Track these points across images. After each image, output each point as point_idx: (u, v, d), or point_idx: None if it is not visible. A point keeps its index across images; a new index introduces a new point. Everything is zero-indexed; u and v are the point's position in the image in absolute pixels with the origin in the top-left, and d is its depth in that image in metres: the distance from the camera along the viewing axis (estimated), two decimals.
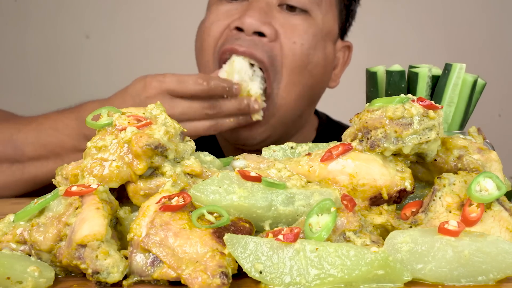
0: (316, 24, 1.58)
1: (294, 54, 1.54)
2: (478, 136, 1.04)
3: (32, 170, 1.55)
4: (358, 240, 0.83)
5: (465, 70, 1.27)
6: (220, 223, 0.82)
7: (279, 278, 0.77)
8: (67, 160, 1.52)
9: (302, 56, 1.55)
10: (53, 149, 1.53)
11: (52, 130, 1.54)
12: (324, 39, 1.60)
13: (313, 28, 1.57)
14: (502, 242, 0.81)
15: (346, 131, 0.98)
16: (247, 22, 1.49)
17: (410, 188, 0.92)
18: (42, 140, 1.54)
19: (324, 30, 1.60)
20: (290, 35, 1.54)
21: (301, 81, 1.56)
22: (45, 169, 1.55)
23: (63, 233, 0.85)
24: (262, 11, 1.52)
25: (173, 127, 0.95)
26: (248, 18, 1.49)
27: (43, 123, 1.57)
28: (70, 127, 1.52)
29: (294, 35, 1.54)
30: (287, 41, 1.53)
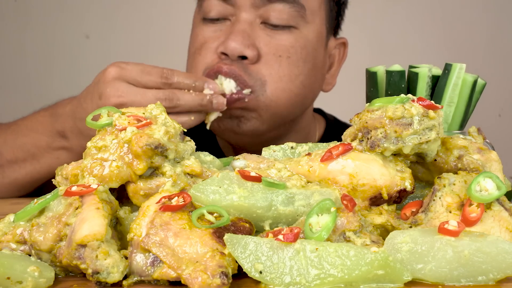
0: (303, 36, 1.55)
1: (280, 65, 1.52)
2: (478, 136, 1.04)
3: (11, 174, 1.55)
4: (358, 240, 0.83)
5: (465, 70, 1.27)
6: (220, 223, 0.82)
7: (279, 278, 0.77)
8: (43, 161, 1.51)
9: (290, 67, 1.53)
10: (29, 149, 1.52)
11: (27, 130, 1.54)
12: (314, 48, 1.58)
13: (300, 41, 1.54)
14: (502, 242, 0.81)
15: (346, 131, 0.98)
16: (230, 47, 1.48)
17: (410, 188, 0.92)
18: (19, 141, 1.54)
19: (313, 40, 1.57)
20: (274, 51, 1.52)
21: (292, 89, 1.54)
22: (23, 172, 1.54)
23: (63, 233, 0.85)
24: (245, 33, 1.50)
25: (173, 127, 0.95)
26: (231, 43, 1.48)
27: (20, 124, 1.57)
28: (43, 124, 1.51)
29: (279, 50, 1.52)
30: (272, 57, 1.51)
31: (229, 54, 1.48)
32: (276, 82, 1.51)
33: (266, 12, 1.51)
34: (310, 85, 1.58)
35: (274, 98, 1.51)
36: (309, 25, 1.56)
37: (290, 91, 1.53)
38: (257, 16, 1.52)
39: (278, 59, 1.51)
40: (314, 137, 1.79)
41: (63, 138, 1.49)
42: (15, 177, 1.54)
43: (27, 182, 1.55)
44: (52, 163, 1.51)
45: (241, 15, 1.51)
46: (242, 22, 1.51)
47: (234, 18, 1.53)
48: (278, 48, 1.52)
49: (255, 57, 1.50)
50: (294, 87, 1.54)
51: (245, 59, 1.50)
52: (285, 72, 1.52)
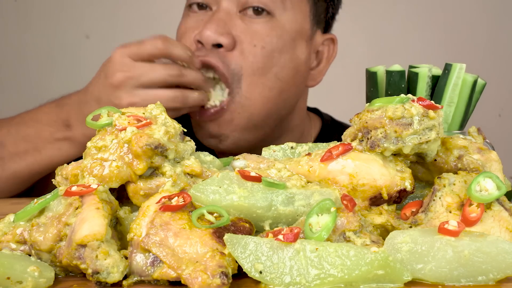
0: (281, 25, 1.55)
1: (255, 56, 1.51)
2: (478, 136, 1.04)
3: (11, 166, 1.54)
4: (358, 240, 0.83)
5: (465, 70, 1.27)
6: (220, 223, 0.82)
7: (279, 278, 0.77)
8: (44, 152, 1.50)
9: (264, 58, 1.52)
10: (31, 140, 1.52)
11: (31, 121, 1.54)
12: (292, 39, 1.57)
13: (276, 30, 1.54)
14: (502, 242, 0.81)
15: (346, 131, 0.98)
16: (204, 35, 1.50)
17: (410, 188, 0.92)
18: (22, 132, 1.53)
19: (291, 31, 1.56)
20: (250, 40, 1.52)
21: (265, 83, 1.53)
22: (24, 164, 1.53)
23: (63, 233, 0.85)
24: (221, 22, 1.51)
25: (173, 127, 0.95)
26: (206, 31, 1.50)
27: (25, 116, 1.57)
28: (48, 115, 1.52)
29: (254, 39, 1.52)
30: (247, 46, 1.51)
31: (204, 42, 1.50)
32: (249, 76, 1.51)
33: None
34: (286, 78, 1.57)
35: (248, 95, 1.52)
36: (288, 13, 1.55)
37: (263, 85, 1.53)
38: (236, 4, 1.53)
39: (253, 49, 1.51)
40: (309, 137, 1.77)
41: (67, 127, 1.49)
42: (14, 169, 1.54)
43: (26, 175, 1.54)
44: (54, 155, 1.51)
45: (221, 3, 1.53)
46: (220, 10, 1.53)
47: (216, 7, 1.55)
48: (253, 37, 1.52)
49: (230, 44, 1.50)
50: (267, 80, 1.53)
51: (220, 47, 1.51)
52: (259, 65, 1.52)
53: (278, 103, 1.57)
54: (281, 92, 1.57)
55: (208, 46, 1.50)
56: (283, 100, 1.59)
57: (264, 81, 1.53)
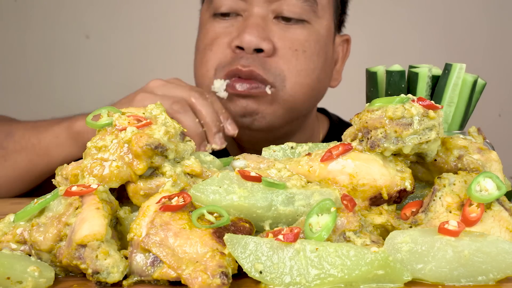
0: (316, 31, 1.57)
1: (297, 59, 1.53)
2: (478, 136, 1.04)
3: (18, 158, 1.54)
4: (358, 240, 0.83)
5: (465, 70, 1.27)
6: (220, 223, 0.82)
7: (279, 278, 0.77)
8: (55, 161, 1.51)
9: (306, 61, 1.54)
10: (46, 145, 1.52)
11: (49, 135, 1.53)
12: (325, 43, 1.60)
13: (313, 35, 1.56)
14: (502, 242, 0.81)
15: (346, 131, 0.98)
16: (246, 40, 1.48)
17: (410, 188, 0.92)
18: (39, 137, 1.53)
19: (325, 35, 1.59)
20: (290, 45, 1.53)
21: (309, 83, 1.56)
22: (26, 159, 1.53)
23: (63, 233, 0.85)
24: (260, 27, 1.51)
25: (173, 127, 0.95)
26: (247, 36, 1.48)
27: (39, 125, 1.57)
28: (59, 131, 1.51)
29: (295, 44, 1.53)
30: (288, 51, 1.52)
31: (245, 47, 1.49)
32: (295, 76, 1.53)
33: (279, 6, 1.52)
34: (323, 79, 1.61)
35: (293, 93, 1.54)
36: (321, 20, 1.58)
37: (307, 86, 1.56)
38: (269, 11, 1.53)
39: (295, 53, 1.53)
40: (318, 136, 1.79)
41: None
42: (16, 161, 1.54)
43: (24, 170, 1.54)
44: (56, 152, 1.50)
45: (253, 10, 1.52)
46: (255, 16, 1.52)
47: (247, 13, 1.53)
48: (293, 42, 1.53)
49: (270, 50, 1.50)
50: (311, 81, 1.56)
51: (260, 52, 1.50)
52: (303, 67, 1.54)
53: (312, 100, 1.62)
54: (318, 92, 1.62)
55: (249, 51, 1.50)
56: (316, 99, 1.65)
57: (308, 82, 1.56)
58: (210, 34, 1.57)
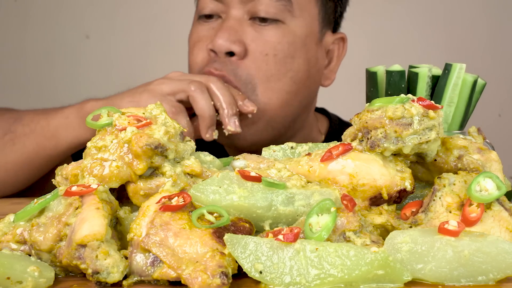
0: (291, 31, 1.56)
1: (267, 64, 1.53)
2: (478, 136, 1.04)
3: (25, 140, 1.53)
4: (358, 240, 0.83)
5: (465, 70, 1.27)
6: (220, 223, 0.82)
7: (279, 278, 0.77)
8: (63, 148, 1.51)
9: (277, 65, 1.54)
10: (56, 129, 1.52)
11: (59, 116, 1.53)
12: (303, 44, 1.59)
13: (287, 37, 1.55)
14: (502, 242, 0.81)
15: (346, 131, 0.98)
16: (217, 44, 1.51)
17: (410, 188, 0.92)
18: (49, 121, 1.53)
19: (302, 35, 1.58)
20: (261, 49, 1.53)
21: (282, 87, 1.55)
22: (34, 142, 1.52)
23: (63, 233, 0.85)
24: (232, 30, 1.52)
25: (173, 127, 0.95)
26: (218, 40, 1.51)
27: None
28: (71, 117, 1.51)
29: (266, 47, 1.54)
30: (259, 55, 1.53)
31: (217, 51, 1.52)
32: (264, 82, 1.53)
33: (253, 7, 1.53)
34: (302, 81, 1.59)
35: (267, 100, 1.53)
36: (297, 19, 1.57)
37: (280, 90, 1.55)
38: (245, 12, 1.54)
39: (265, 58, 1.53)
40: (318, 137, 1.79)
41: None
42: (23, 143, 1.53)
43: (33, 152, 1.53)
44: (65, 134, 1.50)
45: (230, 12, 1.54)
46: (230, 19, 1.54)
47: (225, 16, 1.56)
48: (265, 45, 1.53)
49: (242, 52, 1.52)
50: (283, 84, 1.55)
51: (233, 56, 1.52)
52: (273, 72, 1.54)
53: (294, 104, 1.60)
54: (297, 94, 1.59)
55: (221, 55, 1.52)
56: (299, 102, 1.62)
57: (280, 86, 1.55)
58: (194, 37, 1.61)
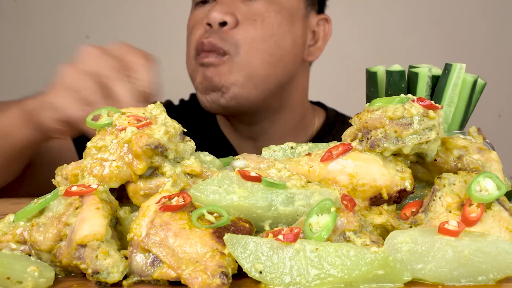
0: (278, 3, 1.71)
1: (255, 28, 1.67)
2: (478, 136, 1.04)
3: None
4: (358, 240, 0.83)
5: (465, 70, 1.27)
6: (220, 223, 0.82)
7: (279, 278, 0.77)
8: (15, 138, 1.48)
9: (264, 29, 1.68)
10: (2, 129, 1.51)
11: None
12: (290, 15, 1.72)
13: (275, 6, 1.70)
14: (502, 242, 0.81)
15: (346, 131, 0.98)
16: (212, 16, 1.66)
17: (410, 188, 0.92)
18: None
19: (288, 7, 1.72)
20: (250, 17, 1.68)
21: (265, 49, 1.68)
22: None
23: (63, 233, 0.85)
24: (225, 4, 1.68)
25: (173, 127, 0.95)
26: (213, 12, 1.66)
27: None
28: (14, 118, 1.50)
29: (255, 15, 1.68)
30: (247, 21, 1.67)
31: (211, 22, 1.66)
32: (249, 43, 1.67)
33: None
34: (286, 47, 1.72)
35: (248, 57, 1.66)
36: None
37: (263, 50, 1.68)
38: None
39: (253, 23, 1.68)
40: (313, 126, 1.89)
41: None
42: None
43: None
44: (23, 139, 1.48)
45: None
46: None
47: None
48: (254, 14, 1.69)
49: (233, 22, 1.67)
50: (267, 46, 1.69)
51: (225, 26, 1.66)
52: (259, 33, 1.68)
53: (276, 68, 1.71)
54: (281, 59, 1.72)
55: (215, 26, 1.66)
56: (283, 67, 1.73)
57: (264, 47, 1.68)
58: (192, 20, 1.76)
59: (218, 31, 1.66)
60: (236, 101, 1.68)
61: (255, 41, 1.67)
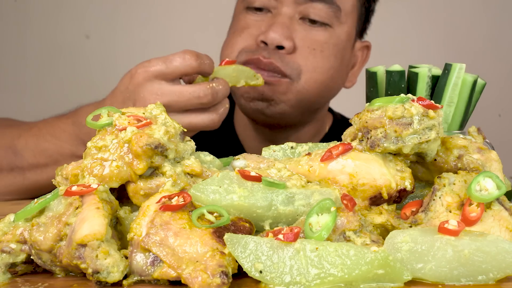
0: (336, 34, 1.68)
1: (315, 57, 1.64)
2: (478, 136, 1.04)
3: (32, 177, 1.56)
4: (358, 240, 0.83)
5: (465, 70, 1.27)
6: (220, 223, 0.82)
7: (279, 278, 0.77)
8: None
9: (323, 60, 1.65)
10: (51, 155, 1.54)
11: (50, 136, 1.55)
12: (344, 47, 1.71)
13: (333, 39, 1.67)
14: (502, 242, 0.81)
15: (346, 131, 0.98)
16: (270, 37, 1.60)
17: (410, 187, 0.93)
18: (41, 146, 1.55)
19: (344, 40, 1.71)
20: (309, 44, 1.64)
21: (323, 80, 1.66)
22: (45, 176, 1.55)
23: (63, 233, 0.85)
24: (285, 26, 1.62)
25: (173, 127, 0.95)
26: (272, 33, 1.60)
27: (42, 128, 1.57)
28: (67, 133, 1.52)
29: (314, 44, 1.64)
30: (307, 49, 1.63)
31: (269, 43, 1.61)
32: (310, 72, 1.64)
33: (305, 9, 1.64)
34: (337, 79, 1.73)
35: (307, 86, 1.64)
36: (342, 25, 1.70)
37: (321, 82, 1.66)
38: (296, 12, 1.65)
39: (313, 52, 1.64)
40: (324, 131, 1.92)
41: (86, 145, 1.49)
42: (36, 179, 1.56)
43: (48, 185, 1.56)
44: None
45: (282, 9, 1.65)
46: (283, 15, 1.64)
47: (276, 11, 1.66)
48: (313, 42, 1.65)
49: (291, 48, 1.62)
50: (325, 78, 1.67)
51: (282, 49, 1.62)
52: (319, 64, 1.65)
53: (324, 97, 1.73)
54: (330, 90, 1.73)
55: (271, 47, 1.61)
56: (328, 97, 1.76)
57: (323, 79, 1.66)
58: (242, 23, 1.70)
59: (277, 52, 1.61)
60: (280, 116, 1.67)
61: (315, 71, 1.65)
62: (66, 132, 1.52)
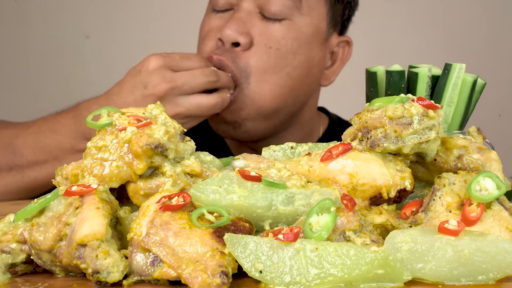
0: (297, 28, 1.62)
1: (268, 57, 1.59)
2: (478, 136, 1.04)
3: (31, 174, 1.56)
4: (358, 240, 0.83)
5: (465, 70, 1.27)
6: (220, 223, 0.83)
7: (279, 278, 0.77)
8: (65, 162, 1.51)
9: (277, 59, 1.59)
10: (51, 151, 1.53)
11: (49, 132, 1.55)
12: (308, 42, 1.64)
13: (292, 33, 1.61)
14: (502, 242, 0.81)
15: (346, 131, 0.98)
16: (225, 34, 1.57)
17: (410, 187, 0.92)
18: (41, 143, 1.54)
19: (308, 33, 1.63)
20: (266, 41, 1.59)
21: (276, 81, 1.60)
22: (45, 173, 1.55)
23: (63, 233, 0.85)
24: (241, 22, 1.58)
25: (173, 127, 0.95)
26: (227, 30, 1.57)
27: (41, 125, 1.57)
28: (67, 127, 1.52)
29: (270, 41, 1.59)
30: (262, 47, 1.59)
31: (224, 40, 1.58)
32: (260, 73, 1.59)
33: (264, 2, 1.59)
34: (298, 77, 1.64)
35: (258, 89, 1.59)
36: (304, 17, 1.62)
37: (274, 82, 1.60)
38: (255, 5, 1.60)
39: (268, 51, 1.59)
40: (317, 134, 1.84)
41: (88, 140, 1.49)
42: (35, 177, 1.56)
43: (47, 183, 1.56)
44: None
45: (241, 4, 1.61)
46: (241, 11, 1.60)
47: (236, 8, 1.62)
48: (269, 39, 1.59)
49: (247, 44, 1.58)
50: (279, 78, 1.60)
51: (238, 46, 1.58)
52: (271, 64, 1.59)
53: (287, 99, 1.64)
54: (292, 90, 1.64)
55: (227, 45, 1.58)
56: (293, 98, 1.66)
57: (275, 79, 1.60)
58: (205, 28, 1.67)
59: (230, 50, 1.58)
60: (247, 134, 1.65)
61: (266, 71, 1.59)
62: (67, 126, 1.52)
